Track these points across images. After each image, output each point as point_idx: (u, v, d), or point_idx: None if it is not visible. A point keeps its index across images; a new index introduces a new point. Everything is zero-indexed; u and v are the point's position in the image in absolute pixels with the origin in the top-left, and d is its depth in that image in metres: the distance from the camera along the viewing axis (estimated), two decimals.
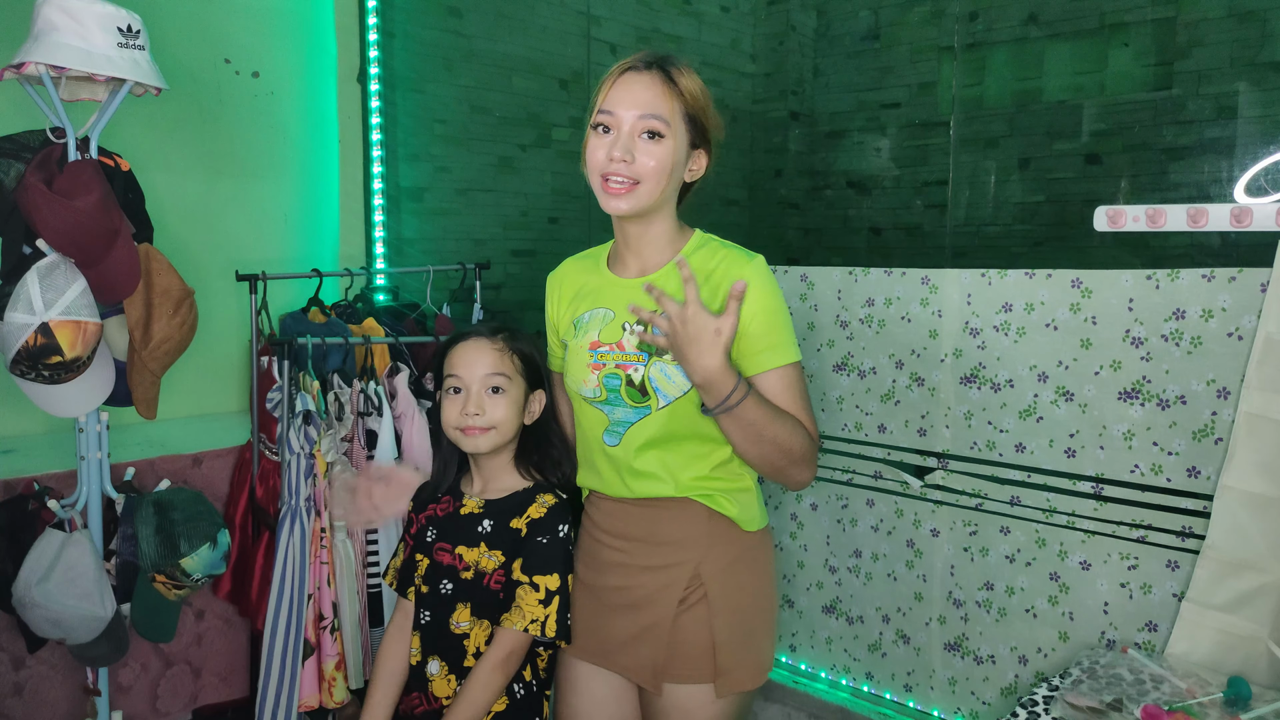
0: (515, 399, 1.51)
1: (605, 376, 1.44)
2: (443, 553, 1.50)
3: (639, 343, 1.42)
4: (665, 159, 1.40)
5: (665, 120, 1.39)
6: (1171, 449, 1.66)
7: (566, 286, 1.58)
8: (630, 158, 1.38)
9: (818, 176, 4.27)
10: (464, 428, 1.48)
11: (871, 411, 2.06)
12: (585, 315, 1.51)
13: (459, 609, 1.48)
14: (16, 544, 1.93)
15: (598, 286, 1.52)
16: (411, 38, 3.17)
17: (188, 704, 2.31)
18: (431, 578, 1.50)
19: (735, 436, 1.37)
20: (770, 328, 1.40)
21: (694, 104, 1.42)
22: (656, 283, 1.44)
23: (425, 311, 2.63)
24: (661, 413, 1.42)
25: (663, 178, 1.40)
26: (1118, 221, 1.67)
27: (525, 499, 1.53)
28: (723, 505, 1.47)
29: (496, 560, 1.48)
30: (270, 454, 2.23)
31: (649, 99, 1.39)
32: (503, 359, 1.50)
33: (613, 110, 1.40)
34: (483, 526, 1.50)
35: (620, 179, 1.39)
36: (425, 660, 1.50)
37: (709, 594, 1.46)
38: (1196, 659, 1.59)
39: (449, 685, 1.47)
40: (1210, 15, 2.99)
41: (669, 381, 1.41)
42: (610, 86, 1.41)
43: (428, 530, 1.53)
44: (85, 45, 1.76)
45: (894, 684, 2.07)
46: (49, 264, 1.80)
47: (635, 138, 1.39)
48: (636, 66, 1.41)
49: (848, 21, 4.23)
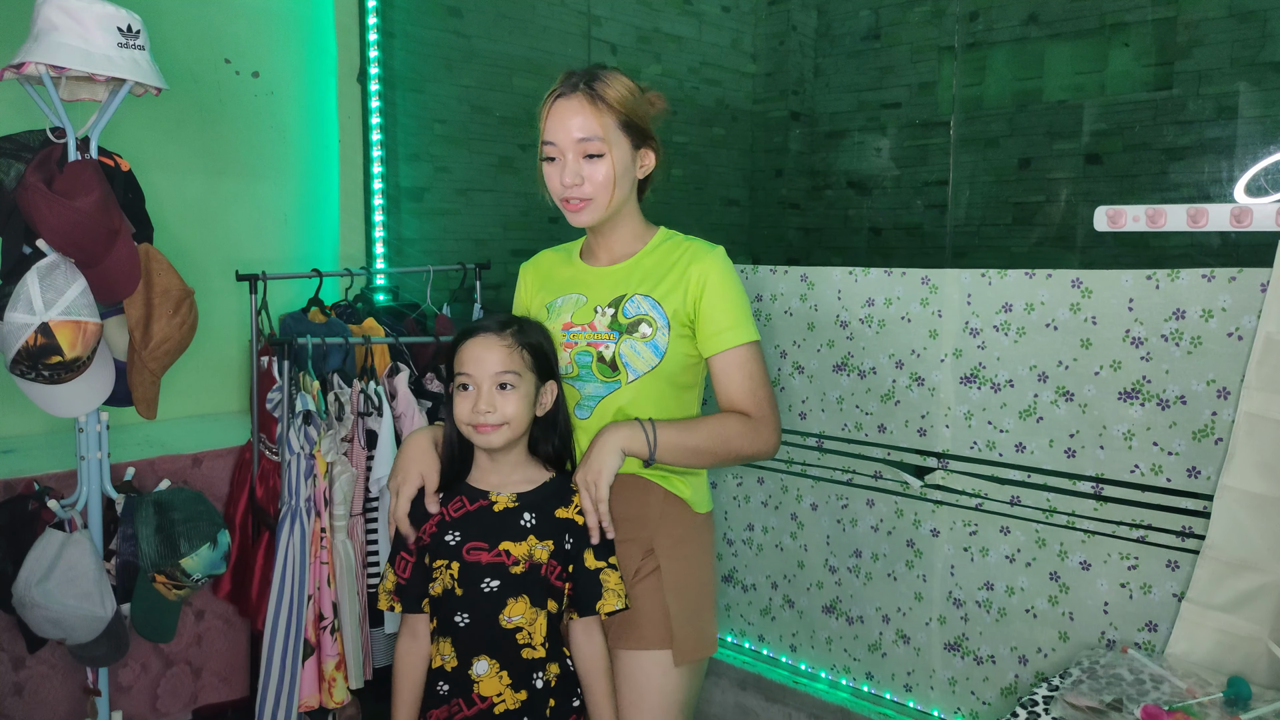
0: (526, 394, 1.51)
1: (577, 354, 1.56)
2: (479, 552, 1.49)
3: (610, 322, 1.55)
4: (609, 173, 1.51)
5: (600, 138, 1.49)
6: (1171, 449, 1.66)
7: (539, 274, 1.71)
8: (579, 180, 1.50)
9: (818, 176, 4.27)
10: (476, 424, 1.49)
11: (871, 411, 2.06)
12: (559, 300, 1.63)
13: (510, 604, 1.48)
14: (16, 544, 1.93)
15: (571, 275, 1.65)
16: (411, 38, 3.17)
17: (188, 704, 2.31)
18: (469, 579, 1.49)
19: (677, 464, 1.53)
20: (727, 311, 1.53)
21: (626, 110, 1.51)
22: (624, 270, 1.59)
23: (425, 311, 2.63)
24: (631, 386, 1.54)
25: (610, 188, 1.52)
26: (1118, 221, 1.67)
27: (561, 489, 1.55)
28: (677, 486, 1.59)
29: (548, 550, 1.50)
30: (270, 454, 2.23)
31: (580, 123, 1.49)
32: (512, 355, 1.50)
33: (553, 140, 1.51)
34: (525, 520, 1.50)
35: (576, 199, 1.52)
36: (469, 662, 1.49)
37: (661, 567, 1.56)
38: (1196, 659, 1.59)
39: (500, 682, 1.47)
40: (1210, 15, 2.99)
41: (638, 357, 1.53)
42: (546, 116, 1.52)
43: (445, 534, 1.51)
44: (85, 45, 1.76)
45: (894, 684, 2.07)
46: (49, 264, 1.80)
47: (579, 160, 1.50)
48: (564, 92, 1.51)
49: (848, 21, 4.23)
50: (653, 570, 1.57)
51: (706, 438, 1.51)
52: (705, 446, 1.51)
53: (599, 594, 1.51)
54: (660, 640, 1.55)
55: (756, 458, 1.57)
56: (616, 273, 1.59)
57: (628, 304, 1.55)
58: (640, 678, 1.55)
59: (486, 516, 1.51)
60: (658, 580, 1.56)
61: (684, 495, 1.59)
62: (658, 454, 1.48)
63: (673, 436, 1.49)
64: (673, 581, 1.56)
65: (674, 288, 1.54)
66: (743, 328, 1.54)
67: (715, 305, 1.53)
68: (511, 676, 1.48)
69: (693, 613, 1.58)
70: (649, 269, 1.57)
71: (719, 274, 1.54)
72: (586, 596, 1.51)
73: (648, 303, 1.54)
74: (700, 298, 1.53)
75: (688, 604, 1.57)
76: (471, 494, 1.54)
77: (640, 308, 1.54)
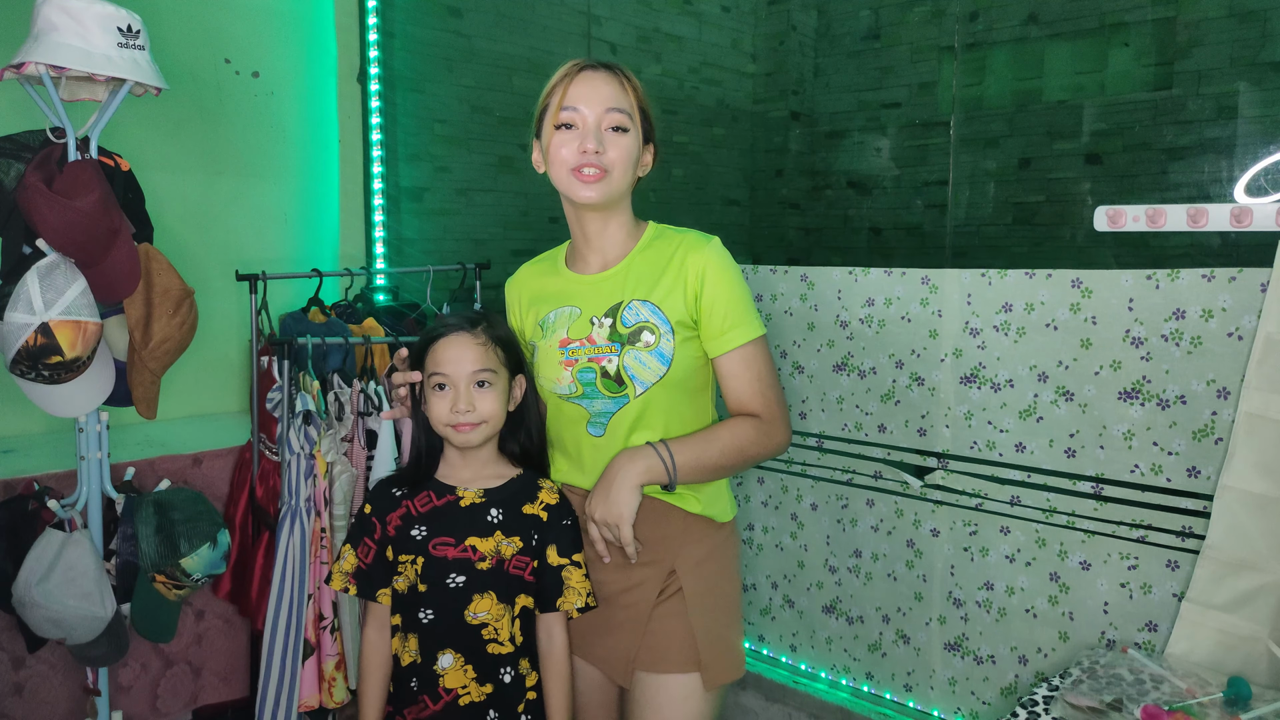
0: (502, 390, 1.52)
1: (579, 371, 1.49)
2: (445, 548, 1.50)
3: (609, 334, 1.48)
4: (631, 150, 1.47)
5: (628, 113, 1.46)
6: (1171, 449, 1.66)
7: (525, 291, 1.62)
8: (602, 148, 1.44)
9: (818, 176, 4.27)
10: (455, 424, 1.48)
11: (871, 411, 2.06)
12: (551, 315, 1.55)
13: (476, 600, 1.48)
14: (16, 544, 1.93)
15: (560, 287, 1.57)
16: (411, 38, 3.17)
17: (188, 704, 2.31)
18: (433, 574, 1.49)
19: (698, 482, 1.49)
20: (731, 307, 1.46)
21: (643, 102, 1.50)
22: (617, 275, 1.51)
23: (425, 311, 2.63)
24: (640, 399, 1.47)
25: (630, 168, 1.47)
26: (1118, 221, 1.67)
27: (528, 485, 1.55)
28: (689, 503, 1.52)
29: (515, 546, 1.50)
30: (270, 454, 2.23)
31: (610, 93, 1.45)
32: (487, 353, 1.50)
33: (576, 106, 1.45)
34: (492, 515, 1.50)
35: (592, 168, 1.44)
36: (434, 657, 1.49)
37: (684, 589, 1.51)
38: (1196, 659, 1.59)
39: (465, 675, 1.48)
40: (1210, 15, 2.99)
41: (644, 368, 1.46)
42: (569, 84, 1.46)
43: (412, 529, 1.51)
44: (85, 45, 1.76)
45: (894, 684, 2.07)
46: (49, 264, 1.80)
47: (603, 131, 1.45)
48: (591, 65, 1.48)
49: (848, 21, 4.23)
50: (676, 591, 1.51)
51: (722, 452, 1.46)
52: (723, 462, 1.46)
53: (560, 591, 1.50)
54: (686, 663, 1.49)
55: (770, 458, 1.54)
56: (609, 279, 1.51)
57: (626, 312, 1.48)
58: (664, 703, 1.50)
59: (453, 512, 1.52)
60: (681, 602, 1.50)
61: (697, 511, 1.52)
62: (678, 478, 1.43)
63: (690, 457, 1.44)
64: (697, 603, 1.50)
65: (673, 288, 1.47)
66: (746, 324, 1.47)
67: (716, 301, 1.45)
68: (477, 670, 1.48)
69: (720, 633, 1.53)
70: (643, 270, 1.50)
71: (716, 266, 1.46)
72: (548, 593, 1.51)
73: (647, 308, 1.47)
74: (700, 293, 1.46)
75: (715, 624, 1.52)
76: (439, 489, 1.54)
77: (640, 315, 1.47)
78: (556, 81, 1.48)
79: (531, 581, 1.51)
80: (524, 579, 1.51)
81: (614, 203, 1.49)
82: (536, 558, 1.52)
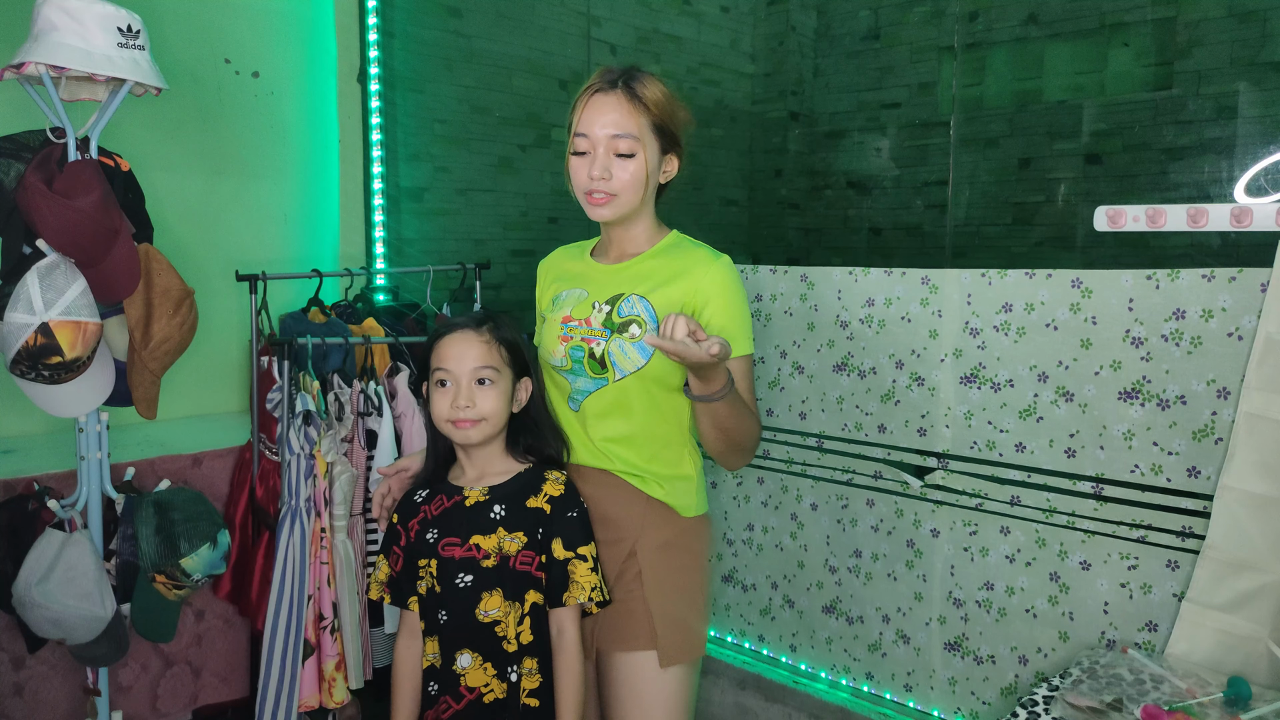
0: (504, 389, 1.53)
1: (571, 348, 1.57)
2: (452, 548, 1.50)
3: (604, 320, 1.55)
4: (639, 172, 1.52)
5: (635, 137, 1.51)
6: (1171, 449, 1.66)
7: (553, 269, 1.72)
8: (608, 175, 1.51)
9: (818, 176, 4.27)
10: (455, 420, 1.50)
11: (871, 411, 2.06)
12: (564, 294, 1.64)
13: (485, 598, 1.49)
14: (16, 544, 1.93)
15: (581, 271, 1.66)
16: (411, 38, 3.17)
17: (188, 704, 2.31)
18: (445, 576, 1.50)
19: (703, 421, 1.50)
20: (730, 322, 1.53)
21: (660, 114, 1.53)
22: (626, 269, 1.59)
23: (425, 311, 2.63)
24: (617, 385, 1.54)
25: (639, 188, 1.53)
26: (1118, 221, 1.67)
27: (533, 478, 1.55)
28: (653, 489, 1.57)
29: (519, 542, 1.50)
30: (270, 454, 2.23)
31: (616, 119, 1.50)
32: (490, 351, 1.52)
33: (586, 133, 1.52)
34: (494, 512, 1.51)
35: (600, 193, 1.52)
36: (452, 657, 1.50)
37: (643, 571, 1.56)
38: (1196, 659, 1.59)
39: (485, 674, 1.49)
40: (1210, 15, 2.99)
41: (625, 357, 1.53)
42: (582, 109, 1.53)
43: (426, 533, 1.53)
44: (85, 45, 1.76)
45: (894, 684, 2.07)
46: (49, 264, 1.80)
47: (610, 156, 1.51)
48: (602, 88, 1.52)
49: (848, 21, 4.23)
50: (635, 574, 1.56)
51: (743, 430, 1.51)
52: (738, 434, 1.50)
53: (565, 585, 1.51)
54: (645, 642, 1.55)
55: (730, 467, 1.62)
56: (620, 271, 1.59)
57: (623, 303, 1.55)
58: (635, 679, 1.55)
59: (459, 512, 1.53)
60: (639, 585, 1.56)
61: (662, 499, 1.58)
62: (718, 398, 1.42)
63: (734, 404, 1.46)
64: (655, 585, 1.56)
65: (675, 295, 1.53)
66: (743, 340, 1.54)
67: (717, 316, 1.52)
68: (495, 668, 1.49)
69: (678, 615, 1.57)
70: (650, 271, 1.57)
71: (723, 285, 1.53)
72: (555, 587, 1.51)
73: (642, 304, 1.54)
74: (703, 309, 1.52)
75: (673, 606, 1.57)
76: (449, 491, 1.56)
77: (634, 308, 1.54)
78: (575, 103, 1.55)
79: (540, 577, 1.52)
80: (532, 575, 1.50)
81: (628, 216, 1.57)
82: (543, 552, 1.52)
